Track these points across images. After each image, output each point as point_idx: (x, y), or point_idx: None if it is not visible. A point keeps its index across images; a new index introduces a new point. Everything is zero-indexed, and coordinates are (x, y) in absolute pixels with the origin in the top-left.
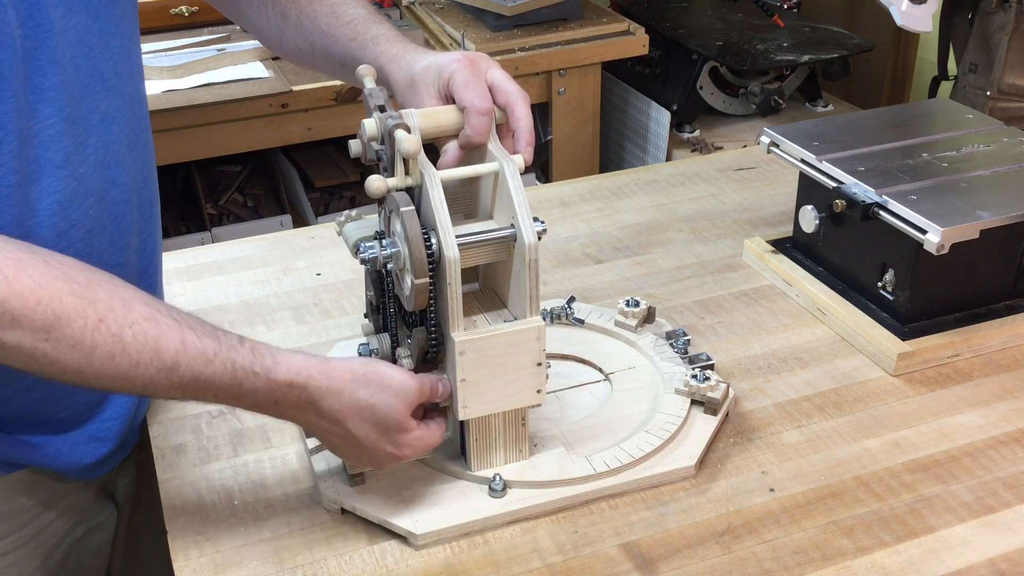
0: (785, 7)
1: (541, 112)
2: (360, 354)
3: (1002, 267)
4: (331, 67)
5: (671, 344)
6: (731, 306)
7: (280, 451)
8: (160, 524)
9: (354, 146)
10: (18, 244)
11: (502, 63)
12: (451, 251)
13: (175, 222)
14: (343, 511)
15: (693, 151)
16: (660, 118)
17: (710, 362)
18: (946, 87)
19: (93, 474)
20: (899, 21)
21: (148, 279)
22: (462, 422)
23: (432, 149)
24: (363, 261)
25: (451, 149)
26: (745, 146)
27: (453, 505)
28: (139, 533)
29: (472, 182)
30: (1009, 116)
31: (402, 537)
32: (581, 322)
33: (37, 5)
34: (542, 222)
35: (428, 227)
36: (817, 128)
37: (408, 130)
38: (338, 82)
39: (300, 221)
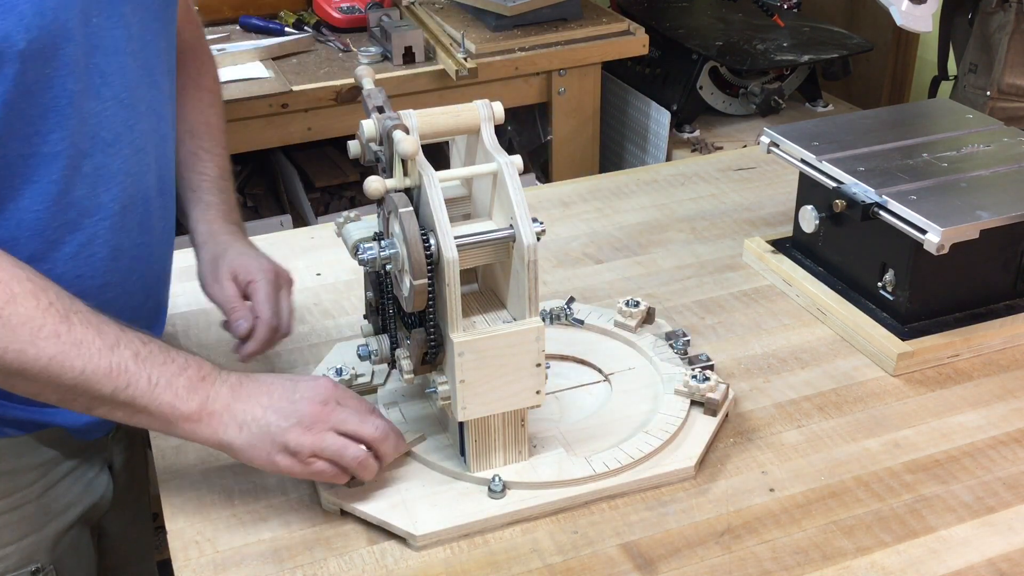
0: (785, 7)
1: (541, 112)
2: (360, 355)
3: (1002, 267)
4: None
5: (671, 344)
6: (731, 306)
7: None
8: (149, 494)
9: (353, 147)
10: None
11: (502, 63)
12: (450, 252)
13: (176, 222)
14: (343, 512)
15: (693, 151)
16: (660, 118)
17: (710, 363)
18: (946, 87)
19: (94, 434)
20: (899, 21)
21: (164, 263)
22: (461, 423)
23: (431, 150)
24: (362, 262)
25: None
26: (745, 146)
27: (453, 506)
28: (132, 501)
29: (471, 183)
30: (1009, 116)
31: (402, 538)
32: (581, 322)
33: (104, 0)
34: (541, 222)
35: (427, 228)
36: (817, 128)
37: (407, 131)
38: (338, 82)
39: (300, 221)
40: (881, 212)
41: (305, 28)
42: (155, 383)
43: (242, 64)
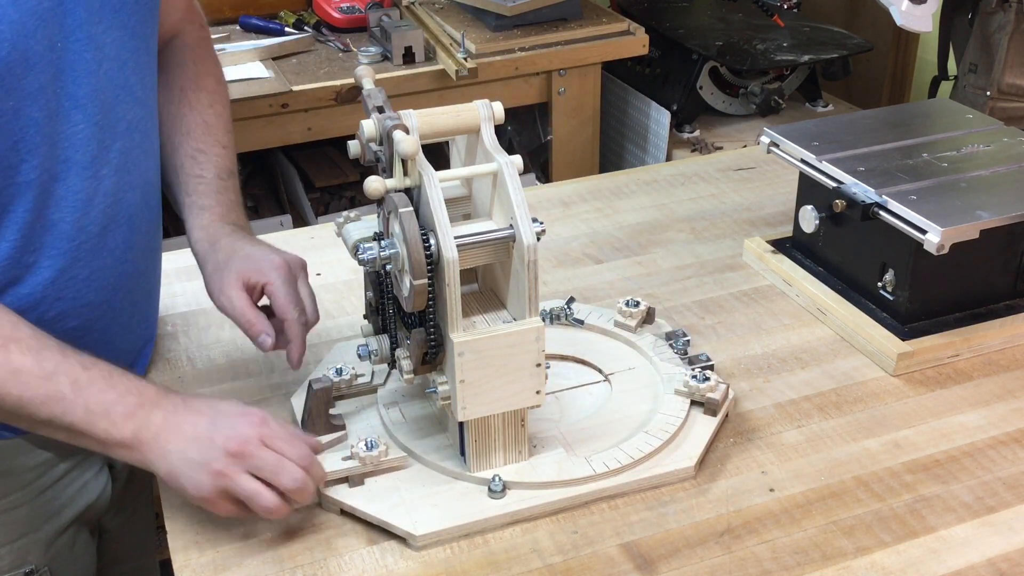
0: (785, 7)
1: (541, 112)
2: (359, 355)
3: (1002, 267)
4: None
5: (671, 344)
6: (731, 306)
7: None
8: (151, 493)
9: (353, 147)
10: None
11: (502, 63)
12: (450, 252)
13: (175, 222)
14: (343, 512)
15: (693, 151)
16: (660, 118)
17: (710, 363)
18: (946, 87)
19: None
20: (899, 21)
21: (151, 277)
22: (461, 423)
23: (431, 150)
24: (362, 262)
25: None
26: (745, 146)
27: (452, 506)
28: (134, 498)
29: (471, 183)
30: (1009, 116)
31: (402, 538)
32: (581, 322)
33: (74, 23)
34: (541, 222)
35: (427, 228)
36: (817, 128)
37: (407, 131)
38: (338, 82)
39: (300, 221)
40: (881, 212)
41: (305, 28)
42: (91, 411)
43: (242, 64)
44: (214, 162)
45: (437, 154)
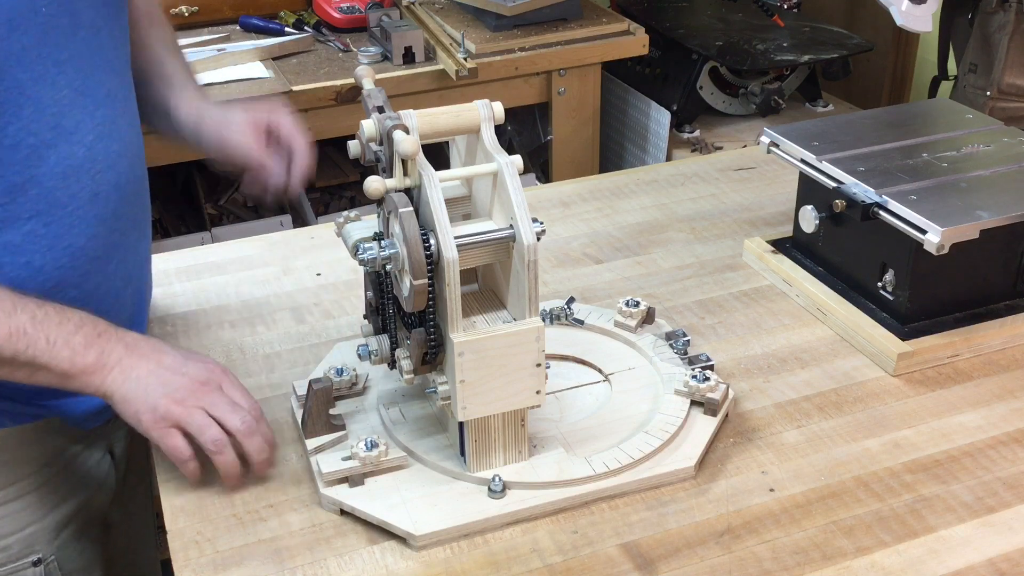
0: (785, 7)
1: (541, 112)
2: (359, 355)
3: (1002, 267)
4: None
5: (671, 345)
6: (731, 306)
7: (280, 451)
8: (150, 484)
9: (353, 147)
10: None
11: (502, 63)
12: (450, 252)
13: (175, 222)
14: (343, 512)
15: (693, 151)
16: (660, 118)
17: (710, 363)
18: (946, 87)
19: (92, 423)
20: (899, 21)
21: (141, 252)
22: (461, 423)
23: (431, 150)
24: (362, 262)
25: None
26: (745, 146)
27: (452, 506)
28: (134, 491)
29: (471, 183)
30: (1009, 116)
31: (402, 538)
32: (581, 322)
33: None
34: (541, 222)
35: (427, 228)
36: (817, 128)
37: (407, 131)
38: (338, 82)
39: (300, 221)
40: (881, 212)
41: (305, 28)
42: (53, 342)
43: (242, 64)
44: (181, 61)
45: (437, 154)
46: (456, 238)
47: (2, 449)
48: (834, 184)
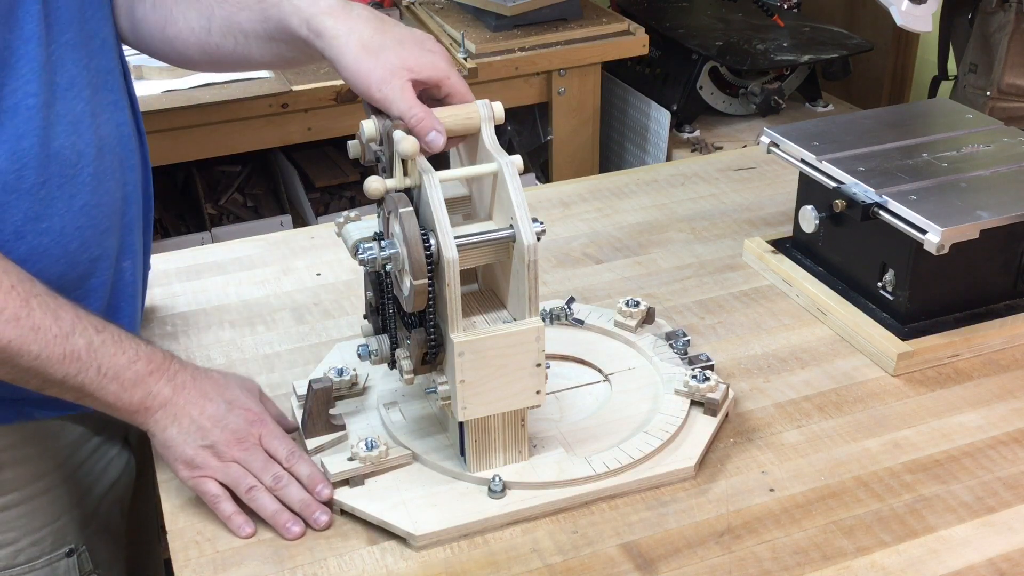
0: (785, 7)
1: (541, 112)
2: (359, 355)
3: (1002, 267)
4: (231, 43)
5: (671, 344)
6: (731, 306)
7: None
8: (153, 473)
9: (353, 147)
10: None
11: (502, 63)
12: (450, 252)
13: (175, 222)
14: (343, 512)
15: (693, 151)
16: (660, 118)
17: (710, 363)
18: (946, 87)
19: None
20: (899, 21)
21: (138, 209)
22: (461, 423)
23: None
24: (362, 262)
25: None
26: (745, 146)
27: (452, 506)
28: (144, 477)
29: (471, 183)
30: (1009, 116)
31: (402, 538)
32: (581, 322)
33: None
34: (541, 223)
35: (427, 228)
36: (817, 128)
37: (407, 131)
38: (338, 82)
39: (300, 221)
40: (881, 212)
41: None
42: (104, 373)
43: None
44: None
45: (437, 154)
46: (456, 238)
47: (31, 442)
48: (834, 184)
